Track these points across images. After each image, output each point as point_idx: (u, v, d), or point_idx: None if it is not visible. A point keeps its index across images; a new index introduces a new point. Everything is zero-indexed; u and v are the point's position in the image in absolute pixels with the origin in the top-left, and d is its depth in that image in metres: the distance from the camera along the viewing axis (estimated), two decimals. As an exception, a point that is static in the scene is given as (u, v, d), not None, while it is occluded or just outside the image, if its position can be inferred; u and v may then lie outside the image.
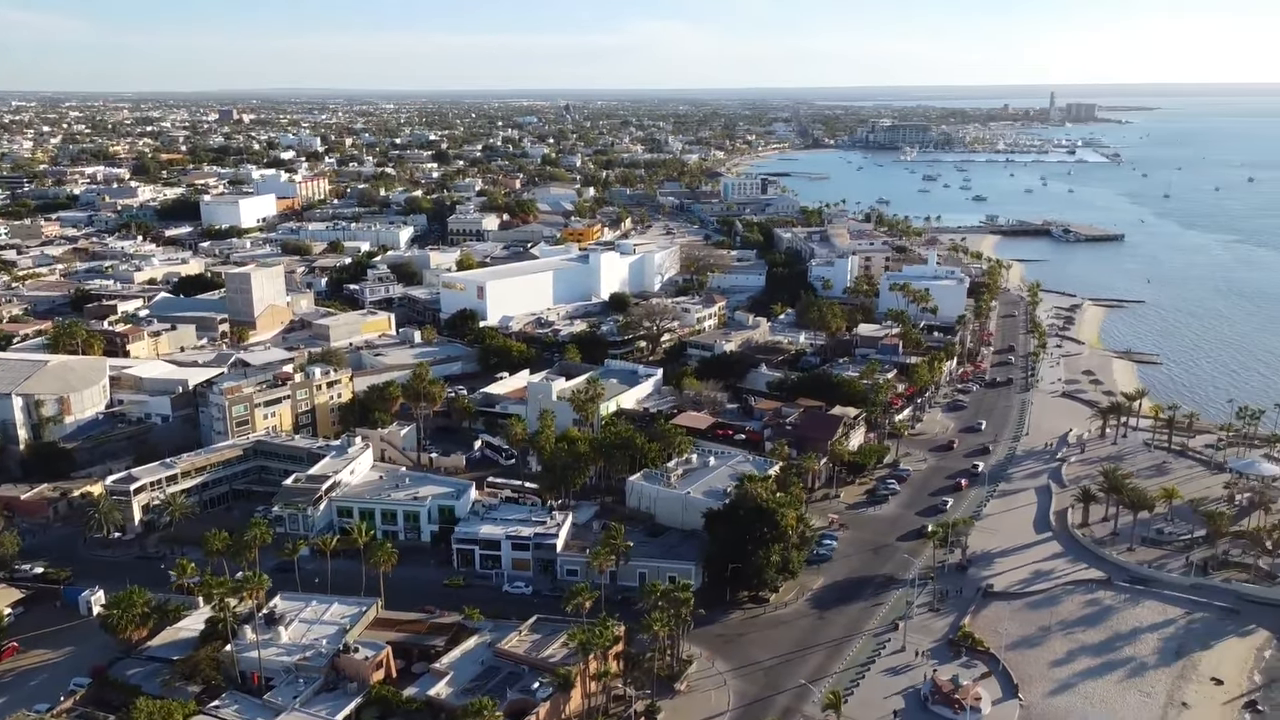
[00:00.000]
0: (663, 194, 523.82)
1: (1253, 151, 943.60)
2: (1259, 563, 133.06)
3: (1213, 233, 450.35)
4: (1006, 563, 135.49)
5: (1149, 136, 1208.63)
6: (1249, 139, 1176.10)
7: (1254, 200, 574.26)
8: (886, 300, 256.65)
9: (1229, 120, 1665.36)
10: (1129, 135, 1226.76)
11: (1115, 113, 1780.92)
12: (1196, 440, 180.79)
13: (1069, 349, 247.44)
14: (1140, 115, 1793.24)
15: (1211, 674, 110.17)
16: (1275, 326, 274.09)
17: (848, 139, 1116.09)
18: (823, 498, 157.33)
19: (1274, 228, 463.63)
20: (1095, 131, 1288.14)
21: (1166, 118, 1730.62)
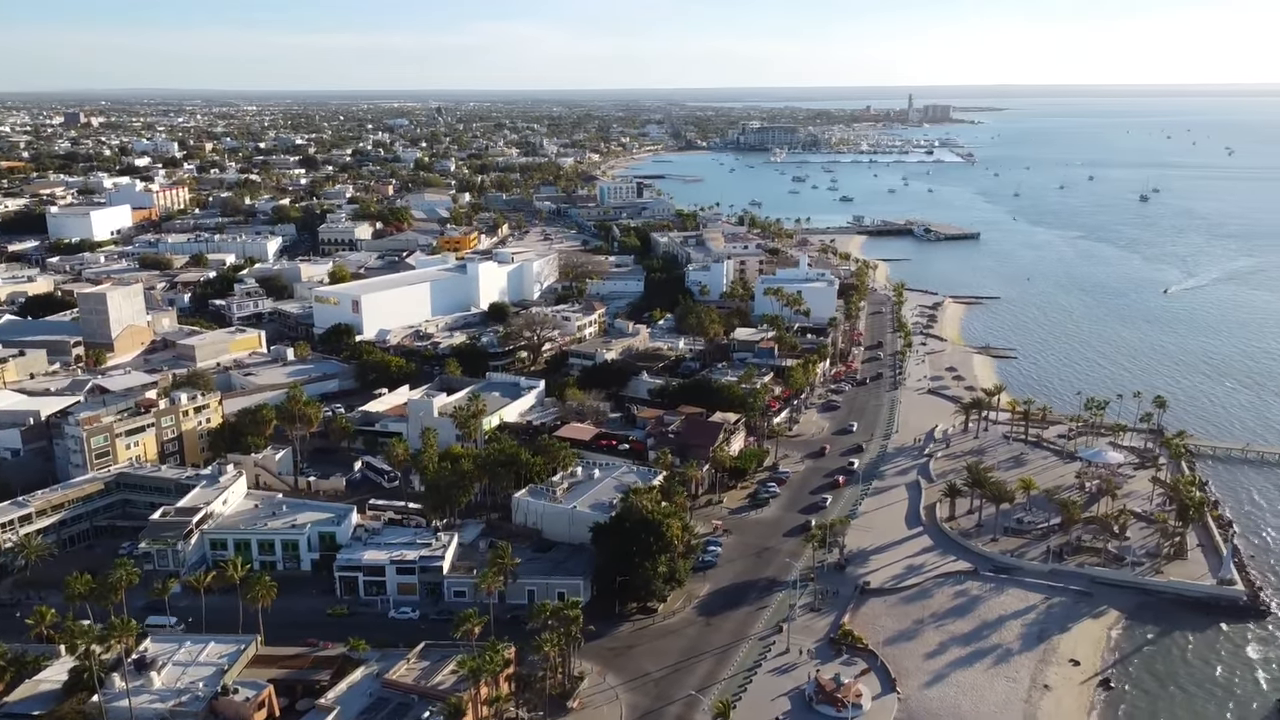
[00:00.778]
0: (539, 199, 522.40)
1: (1092, 150, 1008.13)
2: (1108, 546, 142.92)
3: (1058, 229, 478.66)
4: (882, 559, 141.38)
5: (999, 137, 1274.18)
6: (1088, 138, 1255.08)
7: (1094, 198, 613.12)
8: (762, 304, 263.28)
9: (1069, 120, 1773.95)
10: (981, 135, 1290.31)
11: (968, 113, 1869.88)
12: (1050, 431, 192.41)
13: (933, 346, 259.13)
14: (990, 116, 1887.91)
15: (1070, 655, 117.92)
16: (1115, 319, 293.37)
17: (719, 141, 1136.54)
18: (706, 504, 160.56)
19: (1112, 224, 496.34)
20: (951, 132, 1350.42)
21: (1013, 118, 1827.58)
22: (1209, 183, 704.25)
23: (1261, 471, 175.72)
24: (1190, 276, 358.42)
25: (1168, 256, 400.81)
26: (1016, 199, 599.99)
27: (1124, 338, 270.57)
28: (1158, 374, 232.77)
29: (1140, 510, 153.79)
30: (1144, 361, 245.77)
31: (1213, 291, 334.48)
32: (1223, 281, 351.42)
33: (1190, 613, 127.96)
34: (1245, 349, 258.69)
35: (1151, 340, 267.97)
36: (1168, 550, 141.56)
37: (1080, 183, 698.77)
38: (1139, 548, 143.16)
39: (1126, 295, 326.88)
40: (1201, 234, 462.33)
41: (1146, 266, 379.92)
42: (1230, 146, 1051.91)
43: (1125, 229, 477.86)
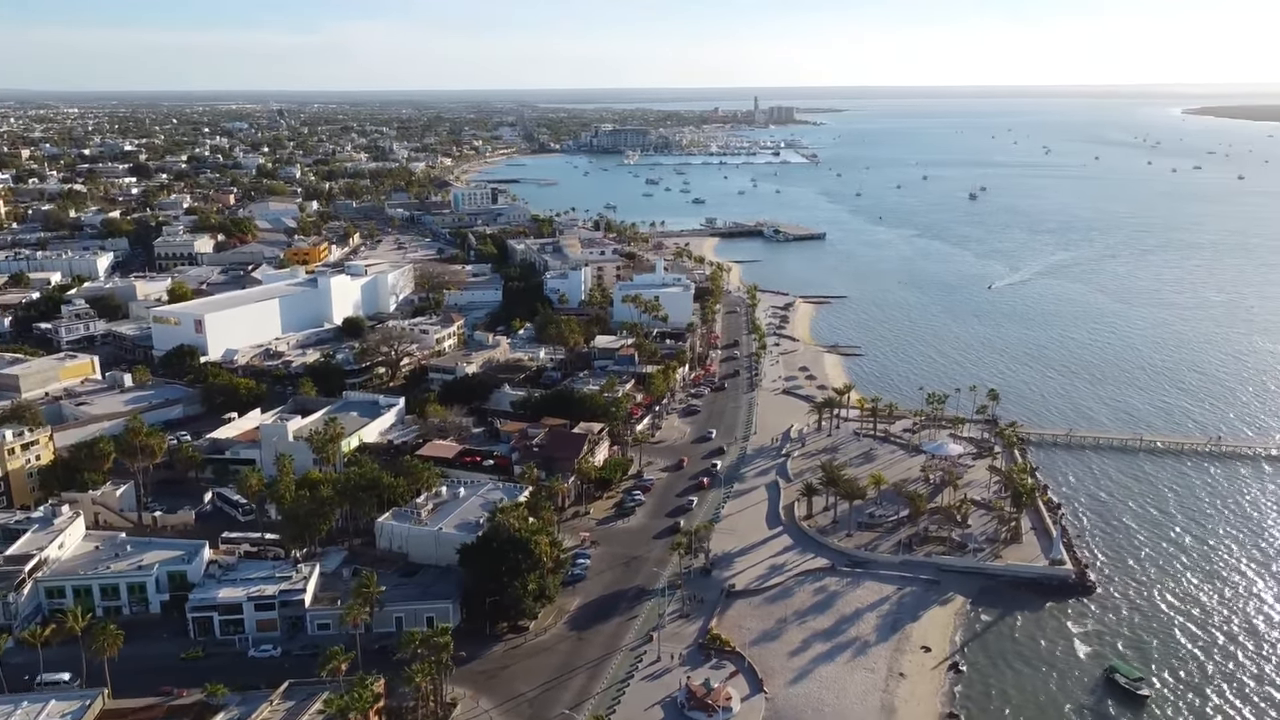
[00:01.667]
0: (391, 206, 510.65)
1: (925, 151, 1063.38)
2: (953, 535, 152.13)
3: (897, 228, 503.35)
4: (745, 561, 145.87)
5: (840, 138, 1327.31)
6: (921, 139, 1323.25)
7: (928, 197, 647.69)
8: (620, 311, 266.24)
9: (904, 121, 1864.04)
10: (823, 137, 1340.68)
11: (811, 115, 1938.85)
12: (896, 426, 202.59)
13: (786, 346, 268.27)
14: (831, 117, 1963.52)
15: (921, 642, 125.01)
16: (949, 314, 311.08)
17: (573, 143, 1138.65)
18: (573, 516, 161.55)
19: (945, 222, 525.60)
20: (795, 133, 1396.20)
21: (852, 119, 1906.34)
22: (1029, 180, 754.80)
23: (1082, 455, 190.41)
24: (1014, 271, 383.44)
25: (995, 252, 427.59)
26: (858, 199, 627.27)
27: (958, 332, 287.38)
28: (990, 366, 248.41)
29: (980, 498, 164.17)
30: (977, 355, 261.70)
31: (1035, 285, 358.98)
32: (1043, 275, 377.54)
33: (1027, 593, 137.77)
34: (1064, 339, 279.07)
35: (981, 334, 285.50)
36: (1005, 535, 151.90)
37: (916, 182, 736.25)
38: (980, 534, 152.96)
39: (959, 291, 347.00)
40: (1024, 230, 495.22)
41: (976, 262, 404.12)
42: (1047, 146, 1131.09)
43: (957, 226, 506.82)
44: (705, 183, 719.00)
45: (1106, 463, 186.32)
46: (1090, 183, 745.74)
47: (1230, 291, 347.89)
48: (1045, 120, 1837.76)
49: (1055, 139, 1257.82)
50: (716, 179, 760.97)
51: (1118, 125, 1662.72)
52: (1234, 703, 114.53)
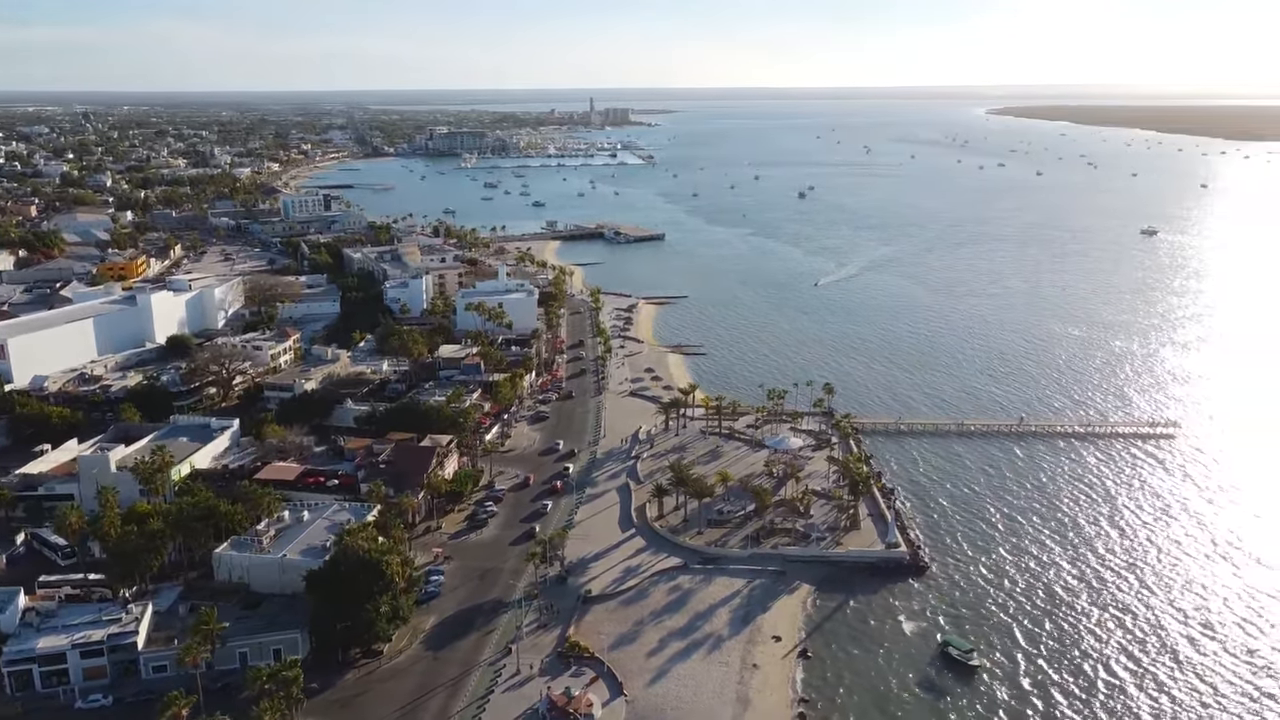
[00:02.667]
0: (215, 215, 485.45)
1: (756, 151, 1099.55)
2: (797, 526, 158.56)
3: (732, 227, 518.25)
4: (600, 566, 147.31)
5: (675, 139, 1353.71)
6: (752, 139, 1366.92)
7: (760, 196, 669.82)
8: (464, 319, 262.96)
9: (734, 122, 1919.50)
10: (658, 137, 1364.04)
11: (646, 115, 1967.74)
12: (740, 423, 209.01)
13: (631, 348, 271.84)
14: (664, 118, 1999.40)
15: (772, 632, 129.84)
16: (784, 311, 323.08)
17: (407, 146, 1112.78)
18: (424, 532, 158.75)
19: (777, 220, 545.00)
20: (631, 134, 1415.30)
21: (685, 120, 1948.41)
22: (853, 179, 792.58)
23: (910, 442, 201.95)
24: (841, 267, 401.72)
25: (824, 249, 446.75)
26: (695, 199, 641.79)
27: (792, 328, 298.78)
28: (823, 360, 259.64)
29: (820, 489, 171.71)
30: (811, 350, 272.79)
31: (861, 280, 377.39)
32: (868, 270, 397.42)
33: (867, 577, 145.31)
34: (888, 331, 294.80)
35: (813, 330, 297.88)
36: (845, 523, 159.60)
37: (748, 182, 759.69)
38: (822, 524, 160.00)
39: (791, 288, 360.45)
40: (849, 227, 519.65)
41: (806, 259, 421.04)
42: (868, 146, 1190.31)
43: (788, 225, 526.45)
44: (545, 185, 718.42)
45: (932, 448, 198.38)
46: (907, 180, 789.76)
47: (1032, 280, 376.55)
48: (866, 121, 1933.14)
49: (875, 139, 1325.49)
50: (555, 181, 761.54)
51: (930, 125, 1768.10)
52: (1051, 662, 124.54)
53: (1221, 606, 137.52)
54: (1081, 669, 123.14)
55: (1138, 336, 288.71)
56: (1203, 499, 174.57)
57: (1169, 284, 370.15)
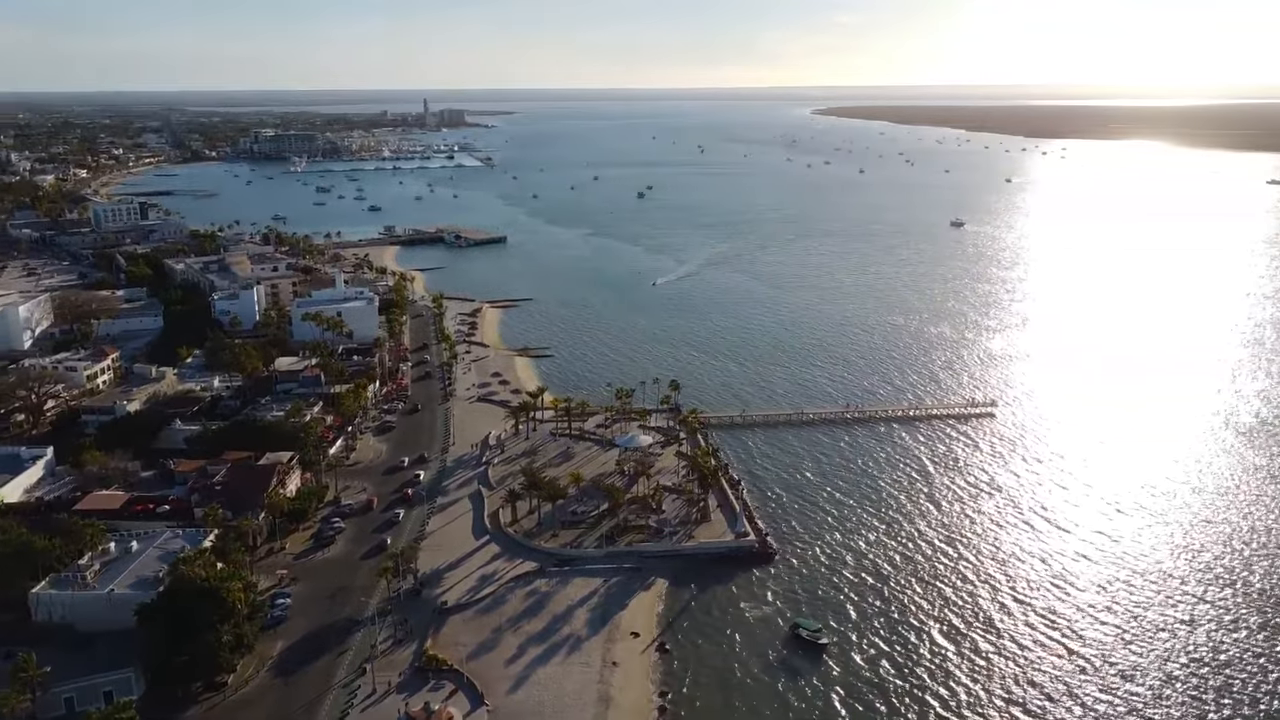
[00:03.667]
0: (15, 226, 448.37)
1: (594, 152, 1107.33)
2: (649, 522, 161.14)
3: (574, 228, 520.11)
4: (455, 575, 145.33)
5: (512, 140, 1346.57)
6: (589, 140, 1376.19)
7: (600, 197, 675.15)
8: (301, 329, 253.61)
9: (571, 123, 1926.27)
10: (495, 139, 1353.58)
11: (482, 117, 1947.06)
12: (590, 423, 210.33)
13: (477, 353, 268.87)
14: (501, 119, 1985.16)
15: (630, 629, 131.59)
16: (629, 310, 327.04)
17: (230, 150, 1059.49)
18: (267, 554, 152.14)
19: (617, 220, 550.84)
20: (468, 135, 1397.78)
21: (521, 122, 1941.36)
22: (689, 179, 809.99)
23: (754, 433, 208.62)
24: (681, 265, 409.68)
25: (663, 248, 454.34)
26: (535, 200, 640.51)
27: (638, 327, 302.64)
28: (669, 357, 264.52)
29: (671, 484, 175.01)
30: (656, 347, 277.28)
31: (701, 277, 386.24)
32: (707, 267, 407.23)
33: (719, 567, 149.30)
34: (730, 326, 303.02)
35: (658, 327, 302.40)
36: (695, 516, 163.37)
37: (588, 183, 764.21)
38: (674, 518, 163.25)
39: (634, 287, 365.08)
40: (687, 225, 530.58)
41: (647, 258, 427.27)
42: (702, 145, 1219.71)
43: (628, 225, 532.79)
44: (380, 189, 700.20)
45: (773, 438, 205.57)
46: (741, 179, 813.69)
47: (857, 273, 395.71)
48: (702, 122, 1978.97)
49: (709, 139, 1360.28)
50: (392, 185, 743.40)
51: (760, 125, 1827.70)
52: (888, 634, 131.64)
53: (1030, 572, 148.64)
54: (912, 639, 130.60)
55: (953, 323, 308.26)
56: (1014, 472, 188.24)
57: (978, 272, 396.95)
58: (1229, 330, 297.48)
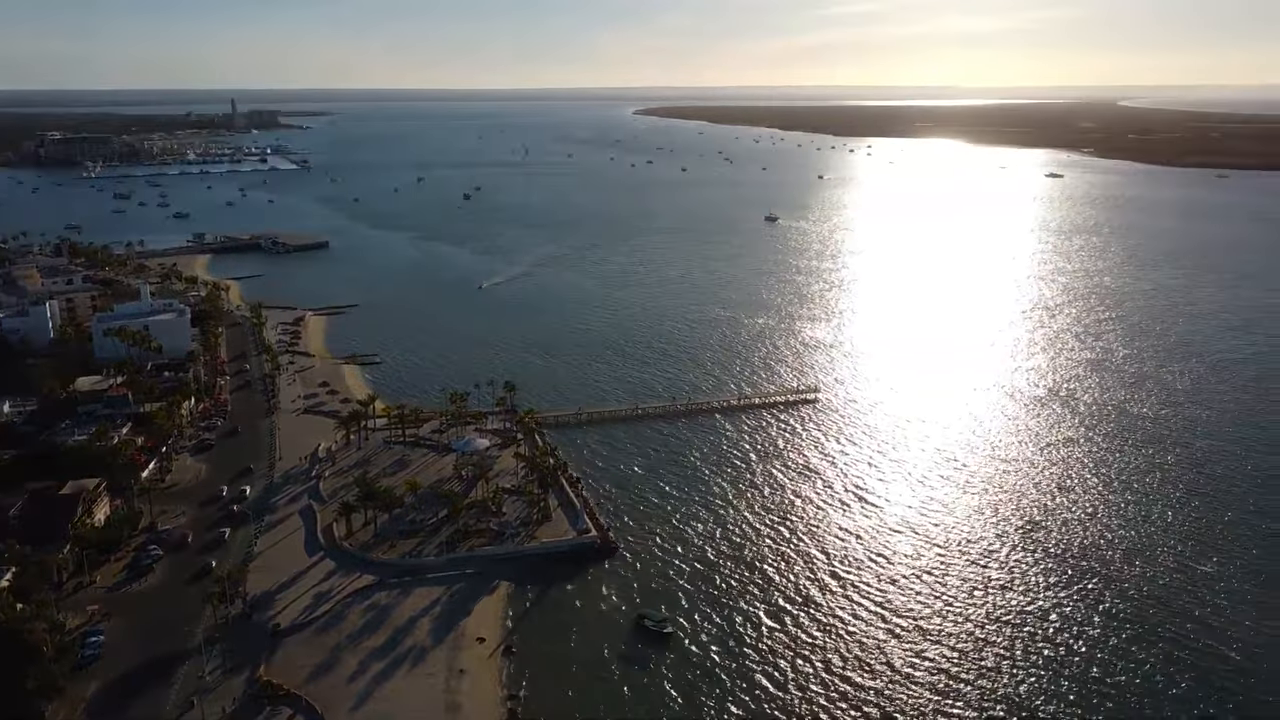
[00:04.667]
0: None
1: (417, 153, 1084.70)
2: (490, 526, 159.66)
3: (399, 231, 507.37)
4: (288, 596, 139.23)
5: (331, 142, 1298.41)
6: (413, 142, 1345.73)
7: (426, 199, 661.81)
8: (104, 346, 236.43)
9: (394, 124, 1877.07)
10: (312, 141, 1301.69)
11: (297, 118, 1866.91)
12: (425, 429, 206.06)
13: (301, 363, 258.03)
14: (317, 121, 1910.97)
15: (476, 634, 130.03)
16: (459, 313, 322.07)
17: (14, 155, 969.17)
18: (75, 590, 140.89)
19: (444, 222, 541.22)
20: (282, 138, 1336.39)
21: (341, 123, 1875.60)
22: (516, 179, 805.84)
23: (590, 430, 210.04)
24: (511, 266, 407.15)
25: (493, 249, 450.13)
26: (357, 204, 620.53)
27: (470, 329, 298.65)
28: (503, 358, 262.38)
29: (510, 486, 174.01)
30: (491, 349, 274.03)
31: (531, 278, 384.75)
32: (538, 267, 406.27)
33: (563, 565, 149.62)
34: (562, 325, 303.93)
35: (492, 329, 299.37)
36: (536, 516, 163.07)
37: (412, 185, 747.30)
38: (515, 520, 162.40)
39: (463, 289, 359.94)
40: (516, 226, 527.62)
41: (476, 260, 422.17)
42: (527, 146, 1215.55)
43: (455, 227, 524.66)
44: (187, 195, 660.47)
45: (609, 433, 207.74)
46: (567, 179, 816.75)
47: (682, 269, 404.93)
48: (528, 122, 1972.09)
49: (536, 140, 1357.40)
50: (199, 190, 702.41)
51: (585, 125, 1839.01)
52: (727, 617, 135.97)
53: (849, 548, 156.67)
54: (746, 621, 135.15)
55: (772, 314, 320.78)
56: (834, 454, 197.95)
57: (794, 265, 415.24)
58: (1014, 310, 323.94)
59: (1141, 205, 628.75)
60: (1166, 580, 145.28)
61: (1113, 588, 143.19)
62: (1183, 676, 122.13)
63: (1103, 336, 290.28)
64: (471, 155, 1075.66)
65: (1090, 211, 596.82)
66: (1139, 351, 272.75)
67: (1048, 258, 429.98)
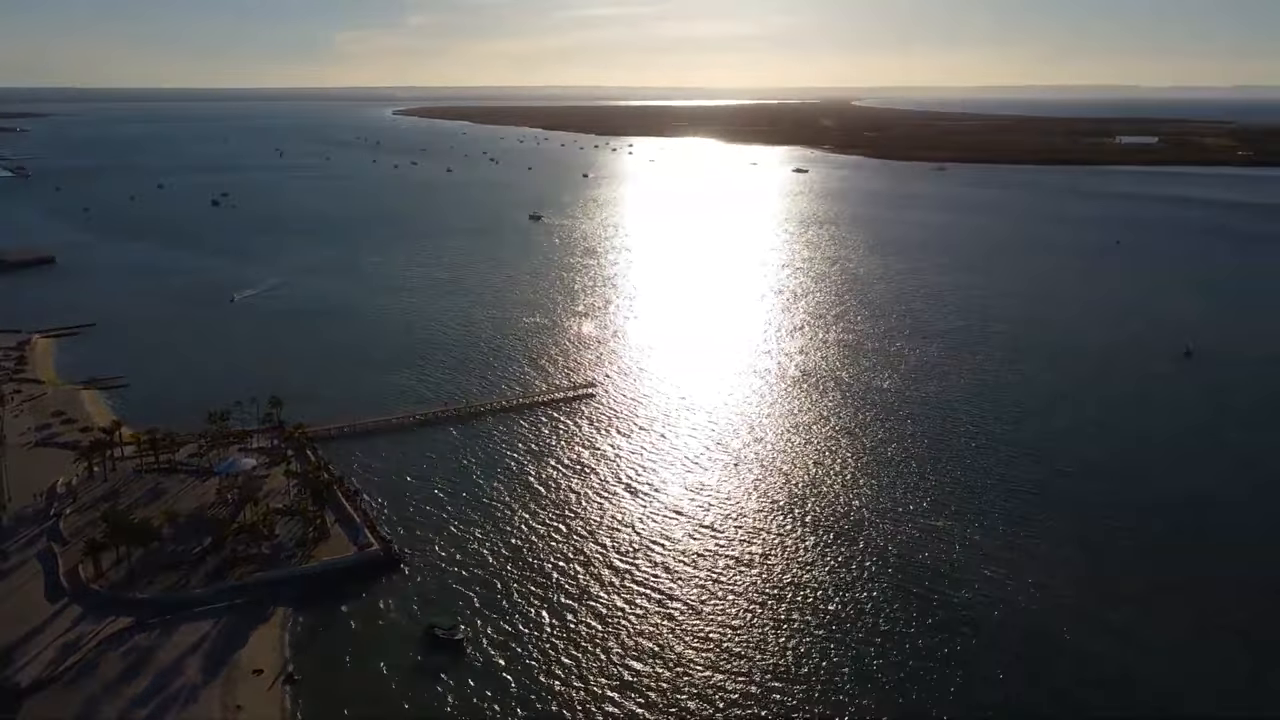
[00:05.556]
0: None
1: (155, 158, 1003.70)
2: (263, 549, 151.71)
3: (138, 242, 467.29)
4: (29, 650, 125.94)
5: (51, 147, 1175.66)
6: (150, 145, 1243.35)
7: (169, 206, 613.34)
8: None
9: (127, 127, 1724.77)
10: (30, 146, 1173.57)
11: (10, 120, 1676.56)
12: (182, 453, 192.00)
13: (29, 392, 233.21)
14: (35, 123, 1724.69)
15: (252, 667, 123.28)
16: (212, 327, 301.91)
17: None
18: None
19: (193, 231, 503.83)
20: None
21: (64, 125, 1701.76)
22: (271, 183, 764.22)
23: (366, 440, 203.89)
24: (271, 275, 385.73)
25: (250, 259, 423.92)
26: (88, 214, 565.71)
27: (226, 344, 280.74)
28: (267, 373, 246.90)
29: (283, 506, 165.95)
30: (251, 363, 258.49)
31: (295, 286, 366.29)
32: (301, 275, 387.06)
33: (345, 583, 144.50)
34: (331, 335, 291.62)
35: (251, 342, 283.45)
36: (313, 535, 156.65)
37: (151, 192, 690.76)
38: (290, 541, 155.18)
39: (219, 303, 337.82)
40: (274, 233, 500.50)
41: (233, 270, 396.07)
42: (280, 148, 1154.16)
43: (205, 236, 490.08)
44: None
45: (386, 442, 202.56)
46: (327, 182, 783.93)
47: (452, 270, 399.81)
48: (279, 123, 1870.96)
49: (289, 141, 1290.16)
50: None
51: (342, 127, 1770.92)
52: (518, 620, 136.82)
53: (629, 537, 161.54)
54: (533, 620, 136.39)
55: (544, 311, 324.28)
56: (612, 446, 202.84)
57: (562, 261, 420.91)
58: (770, 298, 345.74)
59: (876, 197, 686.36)
60: (911, 537, 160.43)
61: (868, 548, 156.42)
62: (930, 619, 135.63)
63: (846, 318, 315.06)
64: (220, 158, 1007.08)
65: (833, 203, 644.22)
66: (880, 331, 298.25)
67: (797, 247, 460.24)
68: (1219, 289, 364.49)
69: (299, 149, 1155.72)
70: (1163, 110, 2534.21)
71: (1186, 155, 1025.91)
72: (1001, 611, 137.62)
